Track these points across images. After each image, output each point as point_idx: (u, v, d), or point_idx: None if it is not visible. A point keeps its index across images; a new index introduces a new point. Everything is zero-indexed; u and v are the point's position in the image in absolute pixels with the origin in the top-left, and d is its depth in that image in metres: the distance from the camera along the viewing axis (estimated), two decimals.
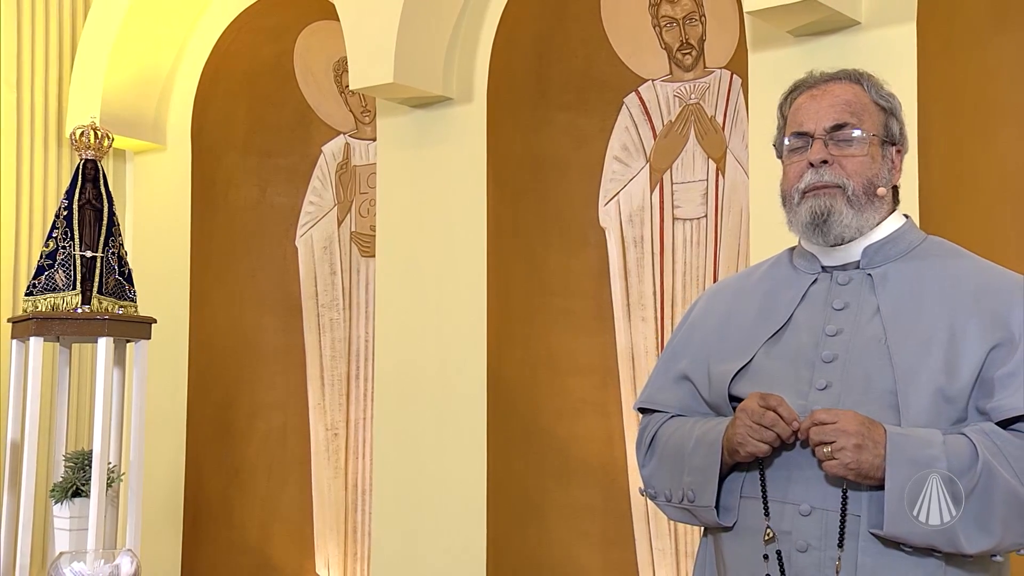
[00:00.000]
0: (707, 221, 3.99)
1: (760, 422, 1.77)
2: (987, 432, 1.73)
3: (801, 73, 2.01)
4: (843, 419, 1.71)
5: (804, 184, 1.90)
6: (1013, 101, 3.21)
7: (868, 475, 1.71)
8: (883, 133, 1.93)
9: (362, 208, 4.82)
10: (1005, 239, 3.15)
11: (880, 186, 1.91)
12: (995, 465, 1.69)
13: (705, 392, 1.97)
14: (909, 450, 1.70)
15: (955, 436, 1.73)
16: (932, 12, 3.16)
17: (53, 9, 4.80)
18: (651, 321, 4.08)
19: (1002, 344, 1.77)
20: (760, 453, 1.79)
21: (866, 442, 1.70)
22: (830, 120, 1.91)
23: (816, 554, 1.75)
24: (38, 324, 3.71)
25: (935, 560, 1.73)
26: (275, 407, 4.91)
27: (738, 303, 2.03)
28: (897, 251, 1.92)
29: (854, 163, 1.89)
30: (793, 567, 1.77)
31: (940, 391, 1.76)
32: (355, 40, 4.04)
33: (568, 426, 4.08)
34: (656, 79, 4.10)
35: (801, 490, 1.78)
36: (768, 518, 1.80)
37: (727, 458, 1.84)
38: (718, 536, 1.92)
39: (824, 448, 1.72)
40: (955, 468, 1.69)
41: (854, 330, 1.85)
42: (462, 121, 4.10)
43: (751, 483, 1.85)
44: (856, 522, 1.73)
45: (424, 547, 4.08)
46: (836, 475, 1.73)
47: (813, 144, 1.90)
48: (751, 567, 1.82)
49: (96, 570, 3.27)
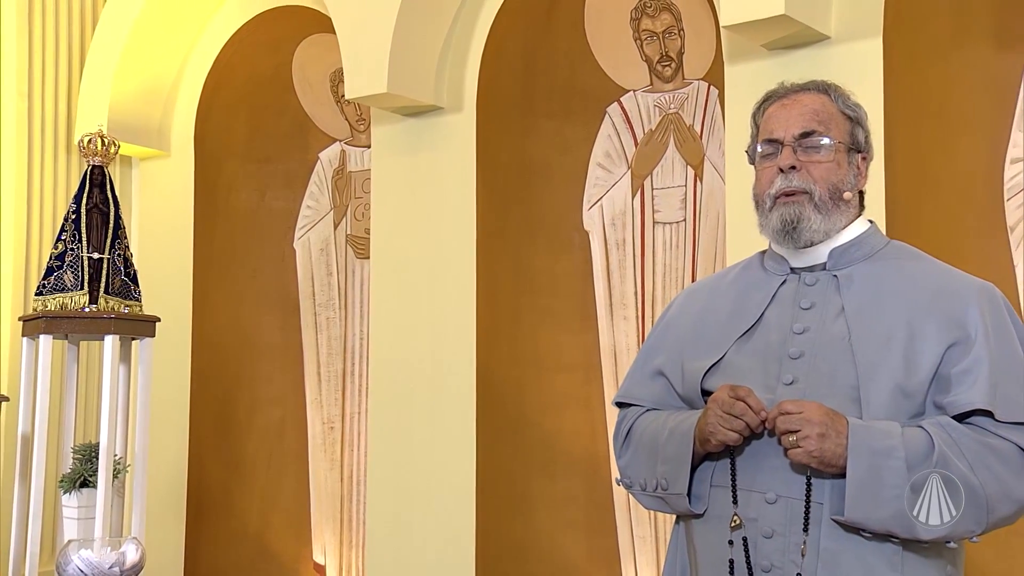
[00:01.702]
0: (686, 225, 3.99)
1: (730, 412, 1.79)
2: (943, 425, 1.75)
3: (774, 84, 2.03)
4: (808, 410, 1.73)
5: (775, 189, 1.92)
6: (973, 111, 3.22)
7: (831, 463, 1.72)
8: (849, 141, 1.95)
9: (357, 212, 4.81)
10: (966, 242, 3.16)
11: (846, 190, 1.93)
12: (950, 456, 1.71)
13: (679, 387, 1.99)
14: (869, 440, 1.71)
15: (913, 428, 1.74)
16: (897, 28, 3.17)
17: (63, 23, 4.80)
18: (632, 320, 4.08)
19: (958, 343, 1.79)
20: (730, 441, 1.80)
21: (830, 432, 1.72)
22: (799, 128, 1.93)
23: (781, 540, 1.77)
24: (48, 322, 3.71)
25: (893, 545, 1.74)
26: (274, 402, 4.90)
27: (712, 303, 2.04)
28: (861, 254, 1.94)
29: (821, 169, 1.91)
30: (759, 552, 1.79)
31: (899, 386, 1.78)
32: (350, 52, 4.05)
33: (553, 420, 4.09)
34: (637, 90, 4.11)
35: (767, 479, 1.80)
36: (736, 505, 1.81)
37: (699, 448, 1.86)
38: (689, 523, 1.94)
39: (790, 436, 1.73)
40: (912, 458, 1.71)
41: (820, 328, 1.87)
42: (453, 129, 4.11)
43: (721, 472, 1.86)
44: (819, 509, 1.75)
45: (416, 535, 4.08)
46: (801, 463, 1.75)
47: (783, 151, 1.93)
48: (719, 552, 1.84)
49: (103, 557, 3.27)
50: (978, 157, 3.21)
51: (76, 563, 3.25)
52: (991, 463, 1.73)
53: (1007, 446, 1.75)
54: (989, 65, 3.22)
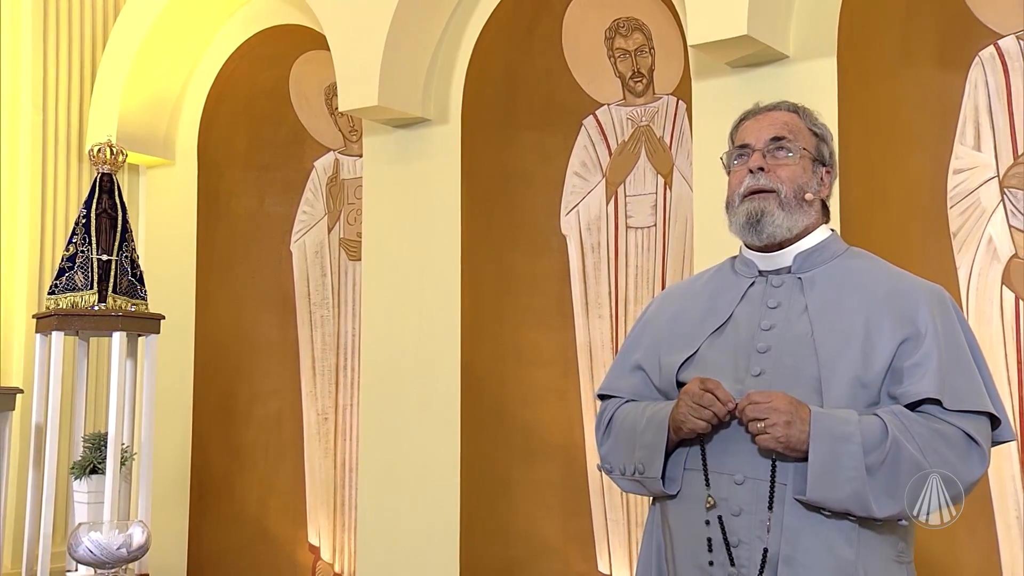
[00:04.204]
0: (656, 229, 4.00)
1: (699, 402, 1.81)
2: (896, 413, 1.78)
3: (737, 99, 2.07)
4: (775, 399, 1.76)
5: (744, 188, 1.95)
6: (919, 126, 3.25)
7: (795, 448, 1.75)
8: (814, 152, 1.99)
9: (349, 217, 4.80)
10: (913, 246, 3.19)
11: (808, 192, 1.96)
12: (902, 441, 1.74)
13: (656, 380, 2.01)
14: (830, 427, 1.74)
15: (869, 416, 1.77)
16: (850, 49, 3.20)
17: (76, 38, 4.78)
18: (607, 318, 4.08)
19: (910, 339, 1.82)
20: (699, 429, 1.82)
21: (794, 419, 1.74)
22: (770, 134, 1.96)
23: (748, 517, 1.79)
24: (59, 320, 3.70)
25: (850, 523, 1.77)
26: (272, 394, 4.88)
27: (686, 303, 2.06)
28: (823, 258, 1.97)
29: (787, 171, 1.95)
30: (728, 529, 1.81)
31: (857, 378, 1.81)
32: (344, 67, 4.05)
33: (533, 411, 4.09)
34: (611, 104, 4.12)
35: (736, 463, 1.82)
36: (709, 488, 1.83)
37: (673, 435, 1.88)
38: (664, 504, 1.95)
39: (758, 423, 1.76)
40: (868, 443, 1.73)
41: (785, 326, 1.90)
42: (439, 140, 4.10)
43: (693, 457, 1.88)
44: (783, 490, 1.77)
45: (404, 519, 4.08)
46: (767, 448, 1.77)
47: (753, 154, 1.96)
48: (693, 529, 1.86)
49: (111, 539, 3.27)
50: (924, 168, 3.24)
51: (86, 544, 3.25)
52: (939, 447, 1.76)
53: (954, 431, 1.78)
54: (933, 84, 3.25)
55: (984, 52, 3.20)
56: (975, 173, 3.20)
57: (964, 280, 3.20)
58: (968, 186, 3.20)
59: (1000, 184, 3.16)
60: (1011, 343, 3.12)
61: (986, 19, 3.20)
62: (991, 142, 3.18)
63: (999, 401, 1.86)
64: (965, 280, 3.20)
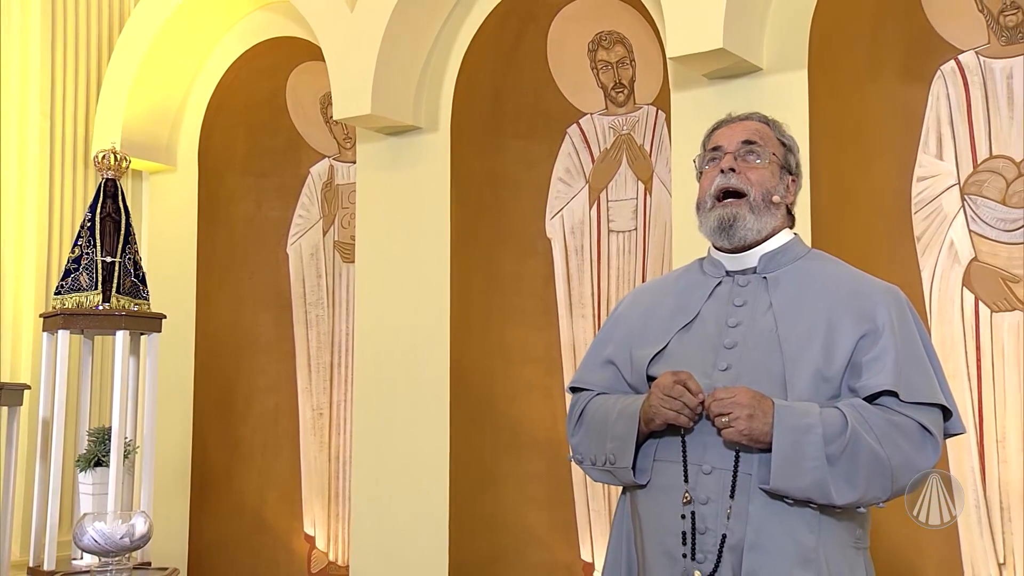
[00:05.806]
0: (637, 233, 4.00)
1: (670, 394, 1.82)
2: (855, 406, 1.79)
3: (714, 109, 2.09)
4: (738, 394, 1.77)
5: (715, 188, 1.97)
6: (885, 135, 3.27)
7: (758, 440, 1.76)
8: (782, 159, 2.01)
9: (344, 221, 4.80)
10: (880, 249, 3.21)
11: (776, 195, 1.98)
12: (861, 432, 1.75)
13: (627, 374, 2.01)
14: (792, 419, 1.75)
15: (829, 408, 1.78)
16: (820, 61, 3.22)
17: (82, 49, 4.78)
18: (590, 318, 4.08)
19: (868, 335, 1.84)
20: (670, 420, 1.83)
21: (757, 412, 1.75)
22: (742, 137, 1.98)
23: (715, 505, 1.80)
24: (65, 319, 3.71)
25: (811, 511, 1.78)
26: (269, 391, 4.87)
27: (657, 301, 2.07)
28: (787, 259, 1.99)
29: (756, 173, 1.97)
30: (698, 515, 1.82)
31: (819, 372, 1.82)
32: (338, 78, 4.05)
33: (519, 407, 4.09)
34: (594, 113, 4.13)
35: (704, 454, 1.83)
36: (687, 482, 1.83)
37: (643, 427, 1.88)
38: (634, 493, 1.96)
39: (722, 418, 1.77)
40: (828, 434, 1.75)
41: (751, 322, 1.91)
42: (429, 147, 4.10)
43: (663, 448, 1.89)
44: (748, 480, 1.78)
45: (396, 510, 4.08)
46: (732, 440, 1.78)
47: (725, 156, 1.98)
48: (664, 520, 1.86)
49: (115, 528, 3.27)
50: (889, 175, 3.26)
51: (91, 534, 3.25)
52: (896, 438, 1.78)
53: (909, 423, 1.80)
54: (898, 96, 3.27)
55: (945, 66, 3.23)
56: (937, 180, 3.22)
57: (927, 282, 3.22)
58: (931, 193, 3.23)
59: (961, 191, 3.19)
60: (971, 341, 3.15)
61: (948, 35, 3.23)
62: (952, 151, 3.20)
63: (950, 394, 1.89)
64: (928, 282, 3.22)
